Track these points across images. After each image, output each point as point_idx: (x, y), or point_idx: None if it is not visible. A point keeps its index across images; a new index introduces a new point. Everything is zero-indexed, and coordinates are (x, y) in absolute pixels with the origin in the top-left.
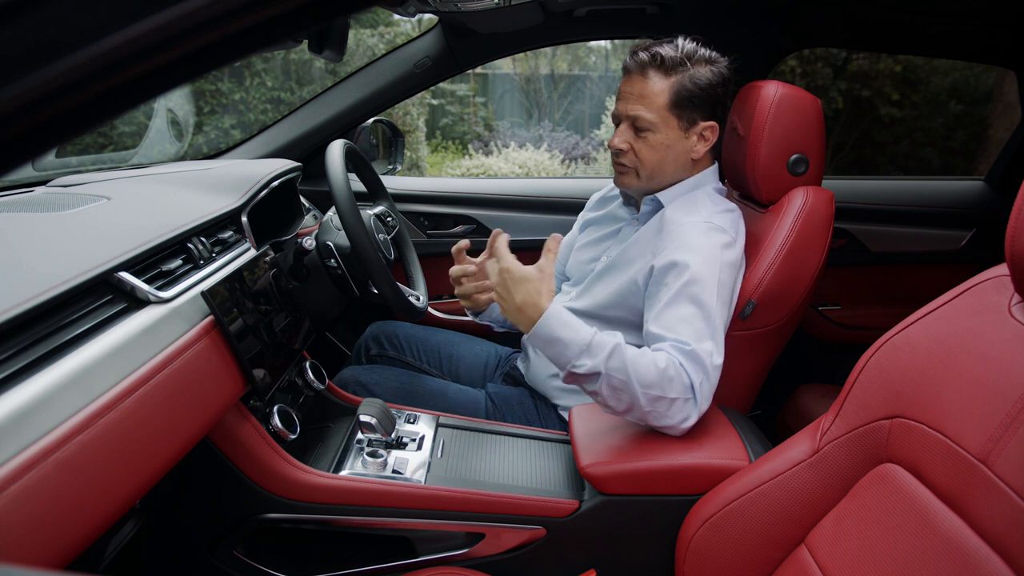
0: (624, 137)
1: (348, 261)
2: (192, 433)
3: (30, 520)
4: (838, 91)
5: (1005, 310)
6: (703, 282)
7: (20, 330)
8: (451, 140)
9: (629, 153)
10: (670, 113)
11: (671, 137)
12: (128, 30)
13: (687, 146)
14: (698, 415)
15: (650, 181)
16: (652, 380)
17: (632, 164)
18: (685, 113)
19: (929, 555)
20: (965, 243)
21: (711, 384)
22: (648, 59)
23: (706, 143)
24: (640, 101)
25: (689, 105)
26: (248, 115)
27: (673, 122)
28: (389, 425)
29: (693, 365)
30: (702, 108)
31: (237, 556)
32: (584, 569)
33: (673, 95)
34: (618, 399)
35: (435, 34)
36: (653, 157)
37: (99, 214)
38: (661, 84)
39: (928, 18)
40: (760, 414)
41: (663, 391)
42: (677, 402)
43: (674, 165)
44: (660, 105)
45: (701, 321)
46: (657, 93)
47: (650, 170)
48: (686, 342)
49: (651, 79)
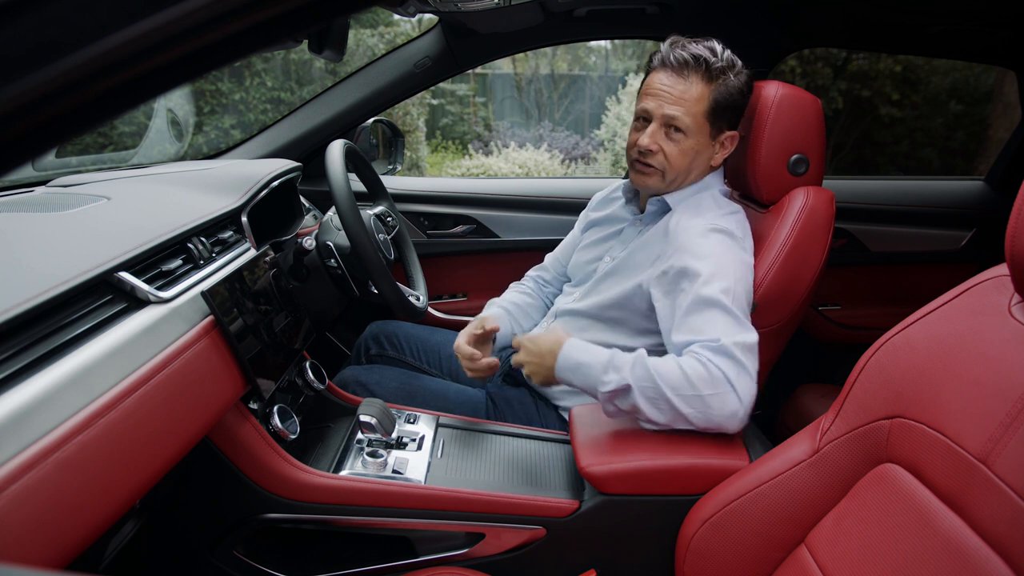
0: (655, 138)
1: (348, 261)
2: (192, 433)
3: (30, 520)
4: (838, 91)
5: (1005, 310)
6: (717, 284)
7: (20, 330)
8: (451, 140)
9: (658, 154)
10: (705, 120)
11: (701, 144)
12: (128, 30)
13: (711, 153)
14: (749, 405)
15: (671, 184)
16: (678, 382)
17: (660, 166)
18: (717, 122)
19: (929, 555)
20: (965, 243)
21: (749, 371)
22: (691, 60)
23: (725, 151)
24: (679, 103)
25: (723, 115)
26: (248, 115)
27: (706, 129)
28: (389, 425)
29: (723, 359)
30: (731, 118)
31: (237, 556)
32: (584, 569)
33: (712, 103)
34: (659, 409)
35: (435, 34)
36: (682, 162)
37: (99, 214)
38: (702, 90)
39: (928, 18)
40: (760, 414)
41: (694, 389)
42: (714, 397)
43: (697, 171)
44: (698, 111)
45: (723, 317)
46: (697, 98)
47: (676, 173)
48: (715, 338)
49: (691, 82)
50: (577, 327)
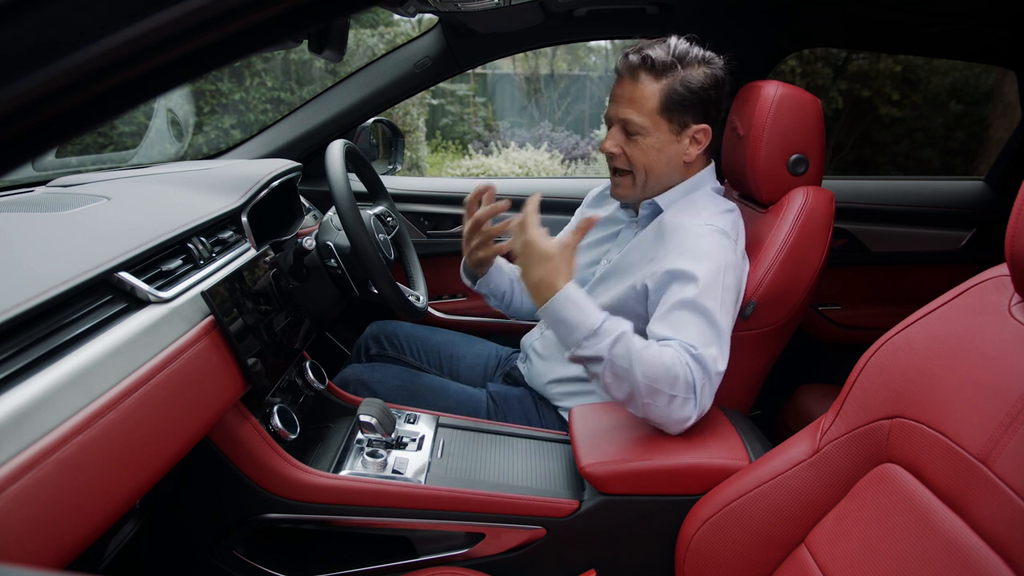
0: (615, 140)
1: (348, 261)
2: (192, 433)
3: (30, 520)
4: (838, 91)
5: (1005, 310)
6: (707, 288)
7: (20, 330)
8: (451, 140)
9: (621, 156)
10: (660, 117)
11: (662, 140)
12: (128, 30)
13: (679, 149)
14: (697, 417)
15: (645, 188)
16: (656, 373)
17: (626, 167)
18: (676, 116)
19: (929, 555)
20: (965, 243)
21: (712, 389)
22: (638, 61)
23: (699, 146)
24: (630, 104)
25: (679, 108)
26: (248, 115)
27: (663, 125)
28: (389, 425)
29: (698, 367)
30: (693, 111)
31: (237, 556)
32: (584, 569)
33: (663, 98)
34: (619, 387)
35: (435, 34)
36: (644, 160)
37: (99, 214)
38: (651, 87)
39: (928, 18)
40: (760, 414)
41: (665, 386)
42: (677, 400)
43: (666, 168)
44: (650, 109)
45: (706, 326)
46: (647, 97)
47: (643, 174)
48: (693, 345)
49: (641, 82)
50: None
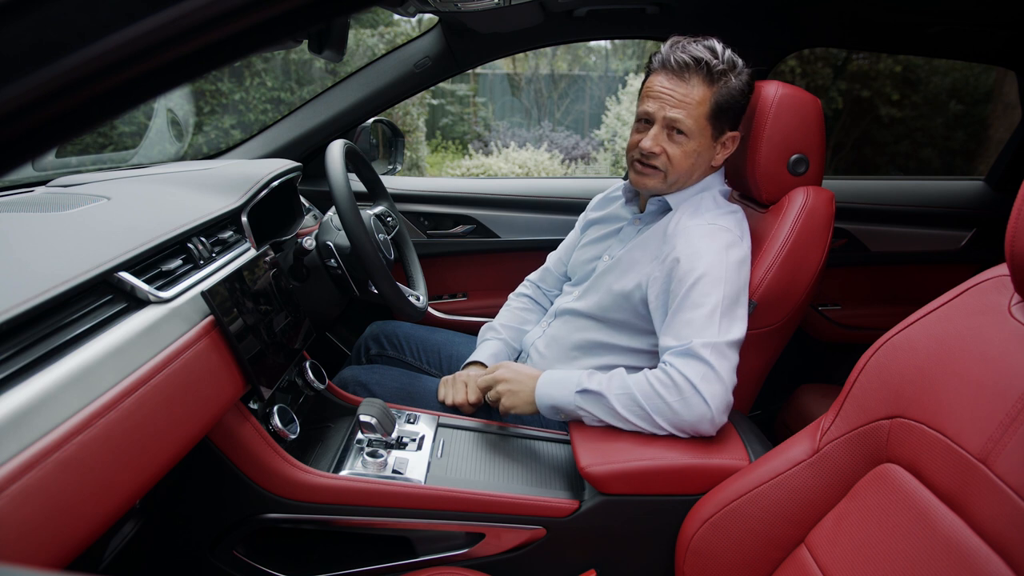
0: (658, 140)
1: (348, 261)
2: (192, 433)
3: (30, 520)
4: (838, 91)
5: (1005, 310)
6: (710, 283)
7: (20, 330)
8: (451, 140)
9: (661, 156)
10: (707, 122)
11: (703, 145)
12: (128, 30)
13: (712, 154)
14: (716, 407)
15: (672, 185)
16: (645, 391)
17: (663, 167)
18: (719, 123)
19: (929, 555)
20: (965, 243)
21: (718, 372)
22: (692, 62)
23: (726, 151)
24: (680, 106)
25: (724, 116)
26: (248, 115)
27: (708, 131)
28: (389, 425)
29: (688, 362)
30: (732, 118)
31: (237, 556)
32: (584, 569)
33: (714, 105)
34: (636, 415)
35: (435, 34)
36: (685, 164)
37: (99, 214)
38: (703, 92)
39: (928, 18)
40: (760, 414)
41: (659, 398)
42: (679, 403)
43: (699, 172)
44: (700, 113)
45: (704, 319)
46: (699, 101)
47: (678, 175)
48: (686, 342)
49: (692, 84)
50: (577, 327)
